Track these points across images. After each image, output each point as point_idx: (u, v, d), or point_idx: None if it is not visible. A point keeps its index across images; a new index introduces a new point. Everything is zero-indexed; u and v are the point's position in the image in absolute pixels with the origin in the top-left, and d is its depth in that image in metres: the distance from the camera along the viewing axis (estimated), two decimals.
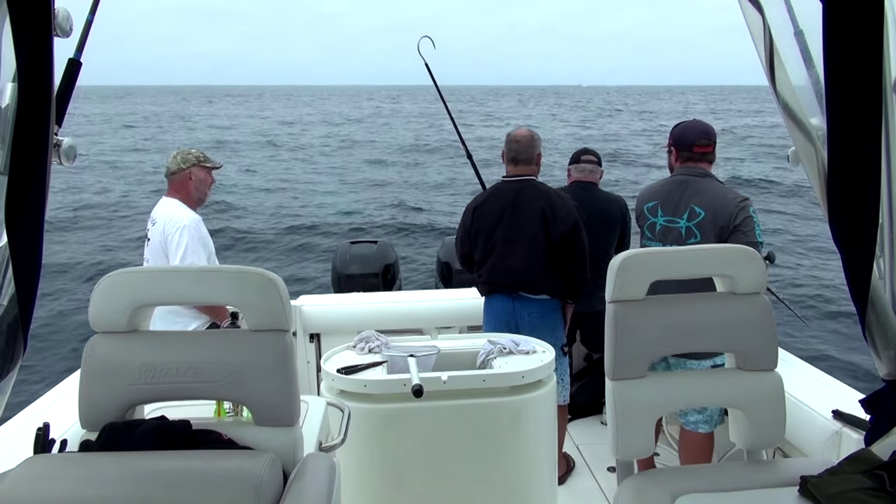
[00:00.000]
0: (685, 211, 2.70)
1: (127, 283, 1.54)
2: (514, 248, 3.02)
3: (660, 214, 2.78)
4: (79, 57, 1.65)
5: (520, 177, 3.09)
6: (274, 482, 1.40)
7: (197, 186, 3.32)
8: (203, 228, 3.27)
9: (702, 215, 2.66)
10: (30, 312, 1.43)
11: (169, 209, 3.25)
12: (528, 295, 3.04)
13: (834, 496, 1.50)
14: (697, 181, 2.73)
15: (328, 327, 3.71)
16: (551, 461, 2.50)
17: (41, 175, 1.37)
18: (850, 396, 2.44)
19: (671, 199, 2.76)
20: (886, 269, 1.60)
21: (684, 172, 2.78)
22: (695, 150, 2.77)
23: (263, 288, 1.53)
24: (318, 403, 2.10)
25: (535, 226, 2.99)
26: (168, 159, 3.35)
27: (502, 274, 3.05)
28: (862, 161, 1.49)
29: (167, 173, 3.33)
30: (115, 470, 1.38)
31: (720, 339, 1.85)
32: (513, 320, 3.06)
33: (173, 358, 1.52)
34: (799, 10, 1.58)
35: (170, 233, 3.15)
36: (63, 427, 2.05)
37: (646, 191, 2.93)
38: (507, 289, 3.05)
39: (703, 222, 2.65)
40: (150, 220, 3.31)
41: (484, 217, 3.10)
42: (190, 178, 3.30)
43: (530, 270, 3.00)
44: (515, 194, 3.05)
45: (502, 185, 3.13)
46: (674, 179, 2.81)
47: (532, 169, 3.10)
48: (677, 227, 2.72)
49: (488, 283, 3.11)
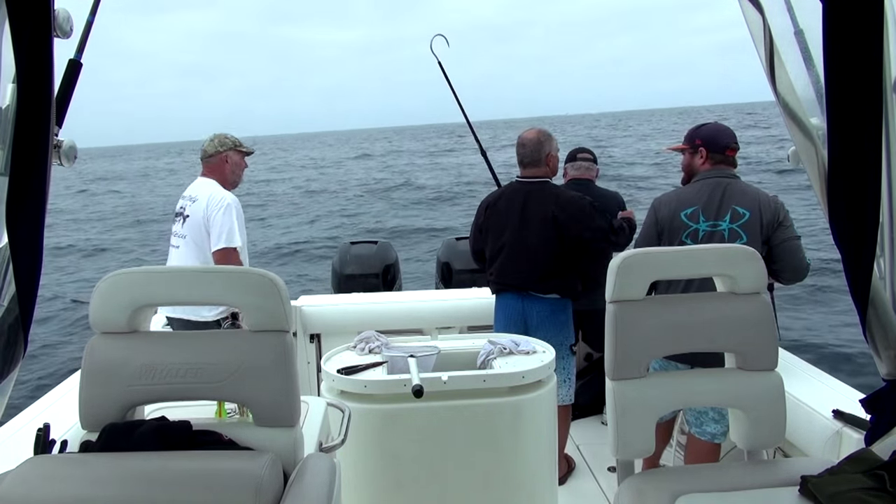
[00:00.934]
0: (727, 213, 2.65)
1: (127, 283, 1.54)
2: (524, 248, 3.03)
3: (702, 220, 2.69)
4: (79, 58, 1.65)
5: (532, 178, 3.10)
6: (274, 483, 1.40)
7: (233, 170, 3.43)
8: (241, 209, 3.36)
9: (746, 216, 2.62)
10: (30, 312, 1.43)
11: (210, 188, 3.31)
12: (537, 294, 3.05)
13: (834, 496, 1.50)
14: (732, 183, 2.70)
15: (328, 327, 3.71)
16: (551, 461, 2.49)
17: (41, 176, 1.37)
18: (851, 396, 2.43)
19: (712, 202, 2.68)
20: (886, 269, 1.60)
21: (715, 175, 2.72)
22: (727, 153, 2.75)
23: (263, 288, 1.53)
24: (319, 404, 2.10)
25: (545, 226, 3.00)
26: (205, 143, 3.43)
27: (512, 273, 3.07)
28: (862, 161, 1.49)
29: (204, 156, 3.42)
30: (116, 470, 1.38)
31: (720, 339, 1.85)
32: (522, 319, 3.08)
33: (173, 358, 1.52)
34: (799, 10, 1.58)
35: (213, 211, 3.22)
36: (63, 427, 2.05)
37: (675, 198, 2.78)
38: (517, 288, 3.07)
39: (749, 222, 2.61)
40: (186, 198, 3.37)
41: (496, 216, 3.12)
42: (226, 161, 3.39)
43: (539, 271, 3.02)
44: (526, 195, 3.07)
45: (515, 185, 3.15)
46: (707, 183, 2.72)
47: (543, 170, 3.11)
48: (720, 230, 2.66)
49: (498, 281, 3.13)
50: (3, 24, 1.28)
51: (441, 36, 4.22)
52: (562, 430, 3.14)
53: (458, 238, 4.87)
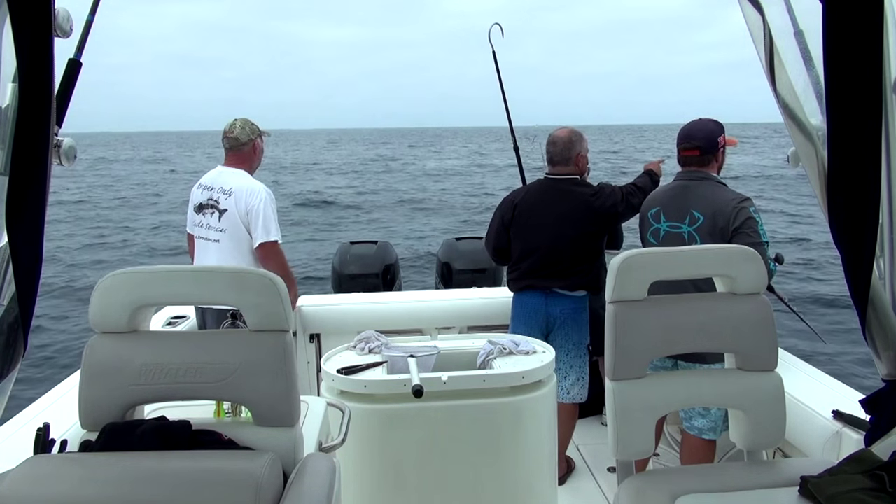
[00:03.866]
0: (686, 216, 2.68)
1: (127, 283, 1.54)
2: (559, 244, 3.03)
3: (663, 220, 2.76)
4: (79, 57, 1.65)
5: (560, 175, 3.10)
6: (274, 482, 1.40)
7: (259, 157, 3.36)
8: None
9: (700, 220, 2.64)
10: (30, 312, 1.43)
11: (241, 180, 3.22)
12: (562, 291, 3.05)
13: (834, 496, 1.50)
14: (696, 185, 2.71)
15: (328, 327, 3.71)
16: (551, 461, 2.49)
17: (41, 175, 1.37)
18: (850, 396, 2.43)
19: (673, 204, 2.74)
20: (886, 269, 1.60)
21: (684, 177, 2.77)
22: (682, 153, 2.78)
23: (263, 288, 1.53)
24: (318, 404, 2.10)
25: (581, 217, 3.02)
26: (236, 130, 3.28)
27: (542, 270, 3.06)
28: (862, 161, 1.49)
29: (236, 144, 3.28)
30: (116, 470, 1.38)
31: (720, 340, 1.84)
32: (544, 317, 3.08)
33: (173, 358, 1.52)
34: (799, 10, 1.58)
35: (254, 204, 3.14)
36: (63, 427, 2.05)
37: (651, 196, 2.93)
38: (541, 287, 3.07)
39: (703, 227, 2.63)
40: (216, 191, 3.23)
41: (526, 213, 3.11)
42: (255, 148, 3.32)
43: (571, 266, 3.02)
44: (556, 192, 3.08)
45: (544, 182, 3.15)
46: (674, 185, 2.80)
47: (572, 168, 3.11)
48: (680, 232, 2.70)
49: (523, 279, 3.12)
50: (3, 24, 1.28)
51: (497, 25, 4.08)
52: (568, 428, 3.14)
53: (458, 238, 4.87)
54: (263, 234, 3.15)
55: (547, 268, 3.05)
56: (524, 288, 3.13)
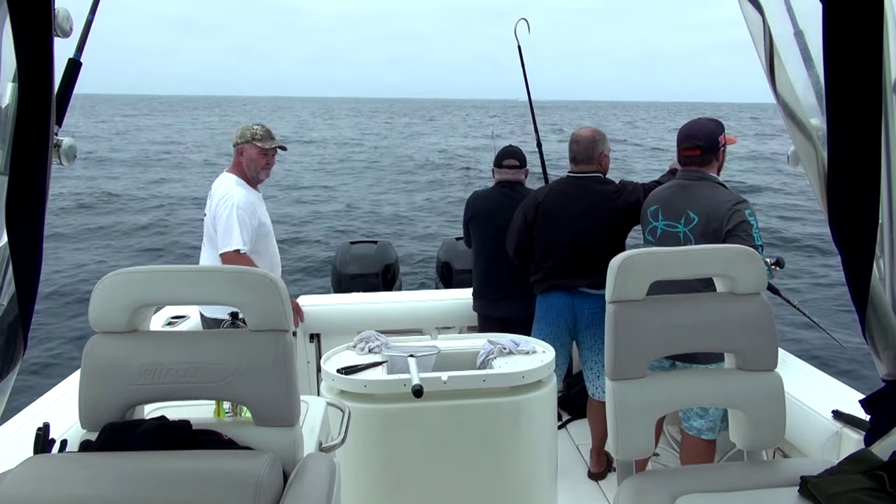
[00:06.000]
0: (682, 216, 2.69)
1: (127, 283, 1.54)
2: (586, 242, 3.04)
3: (661, 219, 2.77)
4: (79, 57, 1.65)
5: (583, 174, 3.11)
6: (274, 482, 1.40)
7: (248, 165, 3.26)
8: (256, 208, 3.23)
9: (695, 221, 2.64)
10: (30, 312, 1.43)
11: (224, 186, 3.22)
12: (587, 290, 3.05)
13: (834, 496, 1.50)
14: (694, 185, 2.71)
15: (328, 327, 3.71)
16: (551, 461, 2.49)
17: (41, 175, 1.37)
18: (850, 396, 2.44)
19: (670, 203, 2.74)
20: (886, 270, 1.60)
21: (683, 177, 2.77)
22: (682, 153, 2.77)
23: (263, 288, 1.53)
24: (318, 403, 2.10)
25: (607, 213, 3.03)
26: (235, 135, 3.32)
27: (565, 267, 3.07)
28: (862, 161, 1.49)
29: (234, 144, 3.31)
30: (116, 470, 1.38)
31: (720, 340, 1.85)
32: (572, 317, 3.09)
33: (173, 358, 1.52)
34: (799, 10, 1.58)
35: (220, 212, 3.13)
36: (63, 427, 2.05)
37: (650, 195, 2.93)
38: (567, 287, 3.07)
39: (696, 228, 2.63)
40: (210, 194, 3.28)
41: (547, 212, 3.11)
42: (241, 154, 3.27)
43: (593, 265, 3.01)
44: (579, 191, 3.08)
45: (568, 181, 3.15)
46: (674, 184, 2.80)
47: (594, 168, 3.12)
48: (676, 231, 2.70)
49: (547, 279, 3.12)
50: (3, 23, 1.28)
51: (524, 20, 4.14)
52: (601, 424, 3.09)
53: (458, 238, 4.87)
54: (224, 242, 3.09)
55: (572, 266, 3.06)
56: (549, 289, 3.13)
